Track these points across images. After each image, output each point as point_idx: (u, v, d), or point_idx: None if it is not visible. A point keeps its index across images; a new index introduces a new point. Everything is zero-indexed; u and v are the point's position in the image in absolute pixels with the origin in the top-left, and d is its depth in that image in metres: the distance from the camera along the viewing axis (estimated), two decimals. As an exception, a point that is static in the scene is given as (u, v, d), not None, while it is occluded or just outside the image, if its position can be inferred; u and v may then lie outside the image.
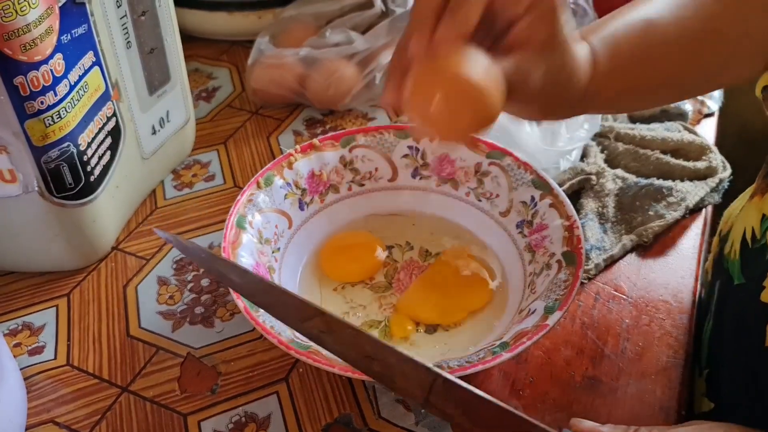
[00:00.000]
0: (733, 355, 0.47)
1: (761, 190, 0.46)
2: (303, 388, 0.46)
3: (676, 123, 0.63)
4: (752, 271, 0.45)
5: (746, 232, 0.45)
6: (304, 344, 0.41)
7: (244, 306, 0.42)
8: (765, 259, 0.43)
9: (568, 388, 0.46)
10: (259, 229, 0.49)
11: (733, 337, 0.47)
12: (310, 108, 0.69)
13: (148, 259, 0.55)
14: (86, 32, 0.47)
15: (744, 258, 0.46)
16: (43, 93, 0.44)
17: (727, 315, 0.48)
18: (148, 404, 0.45)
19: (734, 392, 0.47)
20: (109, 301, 0.52)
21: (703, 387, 0.50)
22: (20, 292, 0.52)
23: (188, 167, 0.63)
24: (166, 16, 0.56)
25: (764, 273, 0.43)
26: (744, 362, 0.45)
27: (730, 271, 0.47)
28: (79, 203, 0.50)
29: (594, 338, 0.49)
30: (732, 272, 0.47)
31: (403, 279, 0.51)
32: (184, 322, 0.50)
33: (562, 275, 0.45)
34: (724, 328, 0.48)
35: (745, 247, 0.45)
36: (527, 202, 0.51)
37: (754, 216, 0.45)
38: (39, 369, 0.47)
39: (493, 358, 0.40)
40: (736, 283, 0.46)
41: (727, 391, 0.48)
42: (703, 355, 0.51)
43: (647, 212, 0.55)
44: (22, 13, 0.41)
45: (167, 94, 0.58)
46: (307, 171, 0.53)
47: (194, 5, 0.75)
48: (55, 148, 0.47)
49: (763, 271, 0.43)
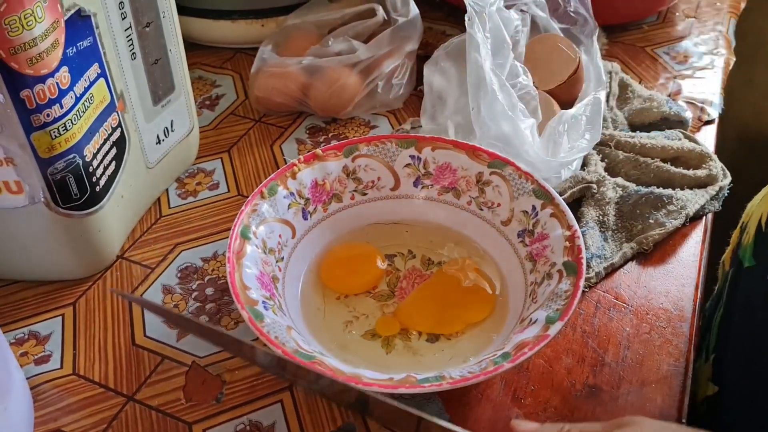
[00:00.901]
0: (740, 336, 0.48)
1: None
2: (307, 397, 0.46)
3: (676, 131, 0.63)
4: (763, 253, 0.45)
5: (762, 217, 0.46)
6: (308, 354, 0.42)
7: (249, 317, 0.43)
8: None
9: (569, 396, 0.46)
10: (263, 239, 0.50)
11: (741, 319, 0.49)
12: (313, 116, 0.70)
13: (152, 267, 0.55)
14: (91, 44, 0.48)
15: (757, 241, 0.47)
16: (49, 106, 0.45)
17: (737, 298, 0.50)
18: (154, 413, 0.46)
19: (739, 374, 0.48)
20: (115, 310, 0.52)
21: (708, 372, 0.51)
22: (27, 301, 0.53)
23: (192, 175, 0.64)
24: (170, 27, 0.56)
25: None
26: (750, 343, 0.47)
27: (741, 256, 0.48)
28: (85, 213, 0.51)
29: (595, 346, 0.49)
30: (743, 257, 0.48)
31: (405, 287, 0.52)
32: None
33: (563, 285, 0.45)
34: (733, 311, 0.50)
35: (759, 231, 0.46)
36: (528, 212, 0.51)
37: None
38: (45, 378, 0.48)
39: (494, 369, 0.40)
40: (746, 266, 0.47)
41: (733, 373, 0.49)
42: (712, 341, 0.51)
43: (647, 220, 0.56)
44: (28, 28, 0.42)
45: (171, 103, 0.58)
46: (310, 181, 0.54)
47: (198, 14, 0.75)
48: (61, 160, 0.47)
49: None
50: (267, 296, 0.46)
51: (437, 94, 0.61)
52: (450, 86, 0.61)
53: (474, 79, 0.55)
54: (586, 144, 0.57)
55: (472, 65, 0.55)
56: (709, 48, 0.78)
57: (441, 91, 0.61)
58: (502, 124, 0.54)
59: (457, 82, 0.61)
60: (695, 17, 0.83)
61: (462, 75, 0.61)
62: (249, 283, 0.46)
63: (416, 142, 0.55)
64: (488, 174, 0.53)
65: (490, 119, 0.55)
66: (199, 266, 0.55)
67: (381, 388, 0.40)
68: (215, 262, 0.56)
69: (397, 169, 0.55)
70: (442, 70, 0.62)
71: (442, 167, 0.55)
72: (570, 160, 0.56)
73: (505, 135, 0.54)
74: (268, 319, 0.44)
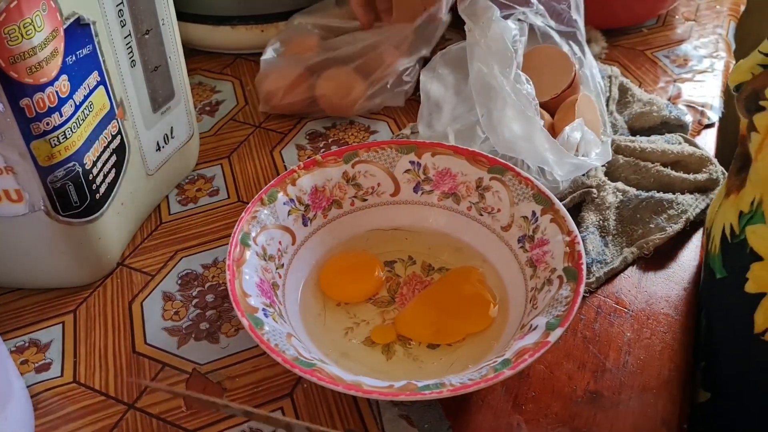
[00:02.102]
0: (725, 344, 0.49)
1: (735, 187, 0.47)
2: (307, 404, 0.46)
3: (677, 135, 0.63)
4: (733, 264, 0.46)
5: (725, 228, 0.47)
6: (309, 362, 0.42)
7: (249, 324, 0.43)
8: (746, 253, 0.44)
9: (569, 402, 0.46)
10: (263, 246, 0.50)
11: (723, 327, 0.49)
12: (313, 121, 0.70)
13: (153, 274, 0.55)
14: (91, 52, 0.48)
15: (724, 252, 0.47)
16: (49, 114, 0.45)
17: (714, 307, 0.50)
18: (155, 421, 0.46)
19: (729, 380, 0.48)
20: (115, 318, 0.52)
21: (699, 378, 0.51)
22: (27, 309, 0.53)
23: (192, 182, 0.64)
24: (169, 34, 0.56)
25: (746, 265, 0.44)
26: (736, 350, 0.47)
27: (711, 266, 0.48)
28: (85, 221, 0.51)
29: (596, 352, 0.49)
30: (713, 267, 0.48)
31: (406, 294, 0.52)
32: (190, 338, 0.50)
33: (564, 291, 0.45)
34: (713, 318, 0.50)
35: (725, 242, 0.47)
36: (528, 217, 0.51)
37: (732, 213, 0.46)
38: (46, 386, 0.48)
39: (495, 376, 0.40)
40: (718, 276, 0.48)
41: (722, 380, 0.49)
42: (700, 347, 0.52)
43: (648, 225, 0.56)
44: (27, 37, 0.42)
45: (171, 110, 0.58)
46: (310, 187, 0.54)
47: (198, 19, 0.76)
48: (60, 168, 0.47)
49: (744, 264, 0.44)
50: (267, 303, 0.46)
51: (434, 101, 0.61)
52: (447, 94, 0.61)
53: (479, 86, 0.55)
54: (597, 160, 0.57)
55: (475, 73, 0.55)
56: (709, 51, 0.78)
57: (438, 98, 0.61)
58: (516, 126, 0.54)
59: (454, 89, 0.61)
60: (695, 20, 0.83)
61: (460, 82, 0.61)
62: (249, 290, 0.46)
63: (416, 148, 0.55)
64: (488, 179, 0.53)
65: (503, 123, 0.54)
66: (200, 273, 0.55)
67: (382, 395, 0.40)
68: (215, 268, 0.56)
69: (397, 174, 0.55)
70: (440, 77, 0.61)
71: (441, 173, 0.55)
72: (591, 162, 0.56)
73: (520, 137, 0.54)
74: (268, 327, 0.44)
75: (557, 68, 0.62)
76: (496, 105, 0.54)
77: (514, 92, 0.54)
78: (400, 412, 0.45)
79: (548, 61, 0.62)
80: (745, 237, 0.44)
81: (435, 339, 0.48)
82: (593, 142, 0.57)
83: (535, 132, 0.53)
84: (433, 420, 0.45)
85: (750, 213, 0.44)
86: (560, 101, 0.61)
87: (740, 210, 0.45)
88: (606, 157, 0.57)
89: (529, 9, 0.62)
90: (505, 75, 0.54)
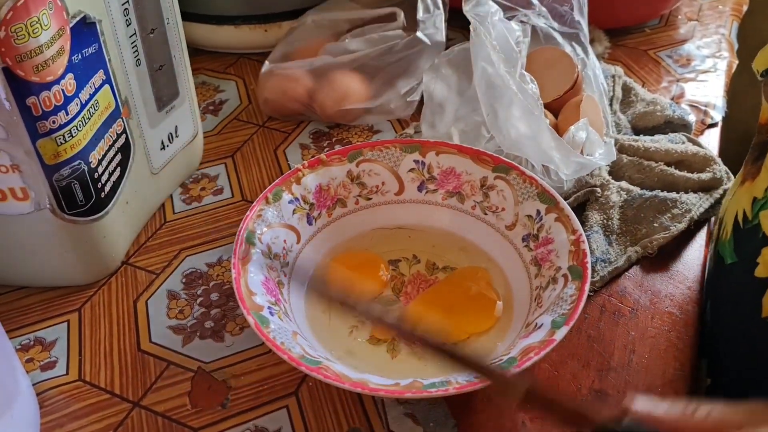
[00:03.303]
0: (731, 328, 0.49)
1: (751, 175, 0.47)
2: (313, 402, 0.46)
3: (680, 134, 0.63)
4: (744, 249, 0.46)
5: (738, 214, 0.47)
6: (314, 360, 0.42)
7: (255, 322, 0.43)
8: (758, 238, 0.45)
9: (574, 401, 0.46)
10: (268, 244, 0.50)
11: (730, 313, 0.49)
12: (317, 121, 0.70)
13: (157, 273, 0.55)
14: (97, 51, 0.48)
15: (736, 238, 0.47)
16: (55, 113, 0.45)
17: (722, 293, 0.50)
18: (160, 419, 0.46)
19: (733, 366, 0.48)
20: (120, 316, 0.52)
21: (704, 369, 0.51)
22: (32, 307, 0.53)
23: (196, 181, 0.64)
24: (174, 33, 0.56)
25: (757, 250, 0.44)
26: (742, 334, 0.47)
27: (721, 252, 0.49)
28: (90, 219, 0.51)
29: (600, 351, 0.49)
30: (723, 253, 0.48)
31: (410, 292, 0.52)
32: (195, 337, 0.51)
33: (569, 289, 0.45)
34: (719, 305, 0.51)
35: (737, 228, 0.47)
36: (533, 216, 0.51)
37: (746, 199, 0.47)
38: (51, 384, 0.48)
39: (500, 374, 0.40)
40: (728, 262, 0.48)
41: (727, 365, 0.49)
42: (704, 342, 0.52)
43: (652, 224, 0.56)
44: (34, 35, 0.42)
45: (176, 109, 0.59)
46: (314, 186, 0.54)
47: (202, 19, 0.76)
48: (66, 166, 0.47)
49: (756, 249, 0.45)
50: (272, 301, 0.46)
51: (437, 102, 0.61)
52: (450, 94, 0.61)
53: (484, 86, 0.55)
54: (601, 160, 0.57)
55: (480, 72, 0.55)
56: (712, 51, 0.78)
57: (441, 99, 0.61)
58: (523, 125, 0.54)
59: (457, 90, 0.61)
60: (697, 20, 0.83)
61: (463, 83, 0.61)
62: (254, 288, 0.46)
63: (420, 147, 0.55)
64: (492, 178, 0.54)
65: (509, 122, 0.54)
66: (204, 272, 0.55)
67: (387, 393, 0.40)
68: (220, 267, 0.56)
69: (401, 173, 0.55)
70: (443, 77, 0.61)
71: (446, 172, 0.55)
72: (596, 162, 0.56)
73: (526, 136, 0.54)
74: (274, 325, 0.44)
75: (560, 70, 0.62)
76: (501, 104, 0.54)
77: (520, 91, 0.54)
78: (405, 410, 0.46)
79: (551, 62, 0.62)
80: (759, 222, 0.45)
81: None
82: (597, 142, 0.57)
83: (542, 131, 0.53)
84: (439, 418, 0.45)
85: (764, 198, 0.44)
86: (563, 103, 0.61)
87: (754, 196, 0.45)
88: (611, 157, 0.57)
89: (531, 11, 0.62)
90: (510, 74, 0.54)
